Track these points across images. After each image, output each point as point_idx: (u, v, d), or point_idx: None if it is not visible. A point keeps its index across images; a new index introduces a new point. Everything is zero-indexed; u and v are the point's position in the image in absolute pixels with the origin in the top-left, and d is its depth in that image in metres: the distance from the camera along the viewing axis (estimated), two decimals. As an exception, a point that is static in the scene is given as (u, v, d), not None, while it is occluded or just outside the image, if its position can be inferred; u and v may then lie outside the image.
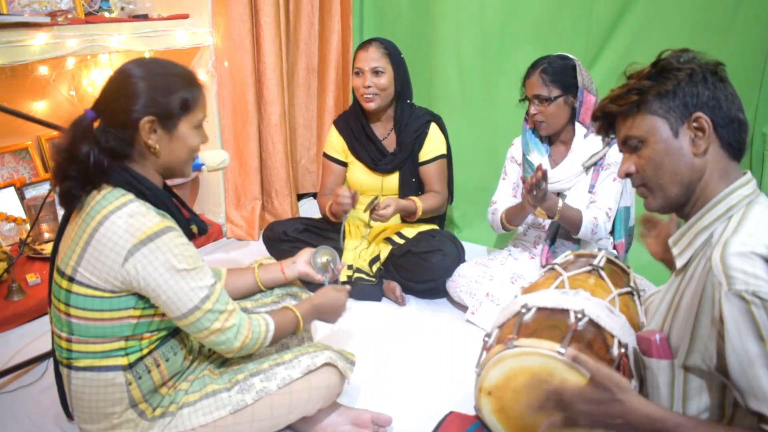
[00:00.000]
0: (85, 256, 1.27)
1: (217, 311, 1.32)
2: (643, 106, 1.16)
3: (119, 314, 1.30)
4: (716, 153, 1.13)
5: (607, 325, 1.31)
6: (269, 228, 2.53)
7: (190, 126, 1.35)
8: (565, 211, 2.05)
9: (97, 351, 1.32)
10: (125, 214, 1.26)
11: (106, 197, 1.29)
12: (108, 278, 1.27)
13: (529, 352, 1.26)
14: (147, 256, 1.25)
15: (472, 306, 2.24)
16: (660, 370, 1.16)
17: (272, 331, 1.44)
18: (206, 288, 1.31)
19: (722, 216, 1.12)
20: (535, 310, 1.39)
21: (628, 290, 1.50)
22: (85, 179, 1.29)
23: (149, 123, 1.29)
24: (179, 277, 1.27)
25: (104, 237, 1.25)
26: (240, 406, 1.42)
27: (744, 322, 0.99)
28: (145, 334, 1.35)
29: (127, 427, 1.38)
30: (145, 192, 1.31)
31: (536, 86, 2.10)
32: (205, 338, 1.34)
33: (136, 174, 1.32)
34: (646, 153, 1.16)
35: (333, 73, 3.42)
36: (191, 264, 1.29)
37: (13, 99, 2.64)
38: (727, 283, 1.00)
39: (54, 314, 1.37)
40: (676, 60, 1.15)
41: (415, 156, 2.46)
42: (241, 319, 1.37)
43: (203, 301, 1.30)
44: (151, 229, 1.26)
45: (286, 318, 1.53)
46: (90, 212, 1.29)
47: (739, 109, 1.14)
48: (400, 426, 1.69)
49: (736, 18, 2.33)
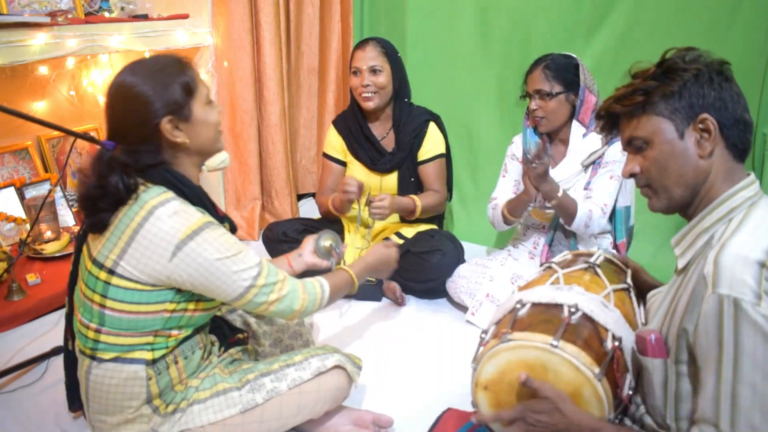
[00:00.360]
0: (129, 251, 1.29)
1: (271, 283, 1.38)
2: (648, 107, 1.14)
3: (155, 307, 1.33)
4: (721, 154, 1.13)
5: (601, 319, 1.32)
6: (269, 228, 2.53)
7: (202, 104, 1.37)
8: (564, 199, 2.04)
9: (125, 344, 1.34)
10: (170, 210, 1.29)
11: (148, 192, 1.32)
12: (152, 273, 1.29)
13: (523, 345, 1.27)
14: (195, 249, 1.29)
15: (472, 306, 2.25)
16: (654, 370, 1.17)
17: (328, 291, 1.51)
18: (255, 266, 1.36)
19: (724, 218, 1.12)
20: (529, 306, 1.40)
21: (624, 287, 1.51)
22: (118, 203, 1.32)
23: (169, 123, 1.31)
24: (230, 263, 1.32)
25: (150, 233, 1.28)
26: (250, 406, 1.43)
27: (713, 325, 1.00)
28: (174, 330, 1.37)
29: (140, 421, 1.39)
30: (183, 190, 1.35)
31: (538, 81, 2.10)
32: (266, 310, 1.40)
33: (175, 173, 1.35)
34: (651, 154, 1.15)
35: (333, 74, 3.43)
36: (236, 249, 1.35)
37: (13, 99, 2.64)
38: (712, 284, 1.01)
39: (84, 305, 1.37)
40: (682, 60, 1.14)
41: (414, 155, 2.46)
42: (294, 284, 1.43)
43: (256, 278, 1.36)
44: (196, 224, 1.30)
45: (340, 278, 1.59)
46: (133, 207, 1.31)
47: (744, 110, 1.13)
48: (400, 426, 1.69)
49: (736, 18, 2.34)
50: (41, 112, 2.76)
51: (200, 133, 1.37)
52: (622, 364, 1.27)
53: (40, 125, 1.93)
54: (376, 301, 2.43)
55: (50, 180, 2.77)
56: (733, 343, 0.98)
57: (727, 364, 0.99)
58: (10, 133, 2.74)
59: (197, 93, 1.35)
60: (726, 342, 0.99)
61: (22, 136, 2.80)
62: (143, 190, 1.32)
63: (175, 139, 1.32)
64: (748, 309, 0.97)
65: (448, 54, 2.98)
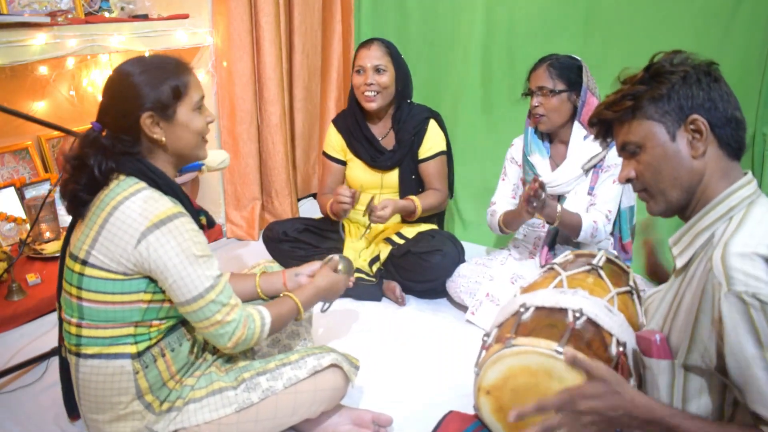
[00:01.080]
0: (99, 239, 1.31)
1: (220, 303, 1.34)
2: (638, 111, 1.16)
3: (130, 297, 1.33)
4: (715, 154, 1.13)
5: (606, 324, 1.31)
6: (269, 228, 2.53)
7: (189, 109, 1.38)
8: (565, 216, 2.04)
9: (107, 337, 1.34)
10: (139, 199, 1.30)
11: (120, 185, 1.33)
12: (121, 260, 1.30)
13: (527, 351, 1.26)
14: (159, 239, 1.28)
15: (472, 306, 2.24)
16: (660, 371, 1.16)
17: (267, 328, 1.44)
18: (212, 278, 1.33)
19: (723, 216, 1.12)
20: (533, 310, 1.39)
21: (627, 289, 1.50)
22: (94, 186, 1.34)
23: (149, 118, 1.33)
24: (188, 263, 1.30)
25: (118, 220, 1.29)
26: (246, 405, 1.43)
27: (742, 324, 0.99)
28: (154, 321, 1.37)
29: (133, 418, 1.39)
30: (157, 180, 1.35)
31: (542, 78, 2.10)
32: (205, 329, 1.36)
33: (148, 164, 1.36)
34: (644, 158, 1.16)
35: (334, 74, 3.43)
36: (201, 251, 1.32)
37: (13, 99, 2.64)
38: (726, 283, 1.00)
39: (65, 300, 1.39)
40: (669, 63, 1.15)
41: (415, 153, 2.46)
42: (240, 316, 1.38)
43: (208, 291, 1.32)
44: (165, 213, 1.29)
45: (284, 307, 1.53)
46: (104, 199, 1.33)
47: (735, 108, 1.14)
48: (400, 426, 1.69)
49: (736, 18, 2.33)
50: (41, 112, 2.76)
51: (180, 137, 1.38)
52: (627, 369, 1.26)
53: (40, 125, 1.95)
54: (376, 301, 2.43)
55: (50, 180, 2.77)
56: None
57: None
58: (10, 133, 2.74)
59: (186, 98, 1.37)
60: (764, 336, 0.98)
61: (22, 136, 2.80)
62: (116, 183, 1.33)
63: (152, 134, 1.34)
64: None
65: (449, 54, 2.98)
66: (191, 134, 1.40)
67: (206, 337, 1.40)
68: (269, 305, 1.49)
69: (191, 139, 1.40)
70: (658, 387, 1.17)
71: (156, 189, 1.34)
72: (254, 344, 1.43)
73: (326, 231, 2.53)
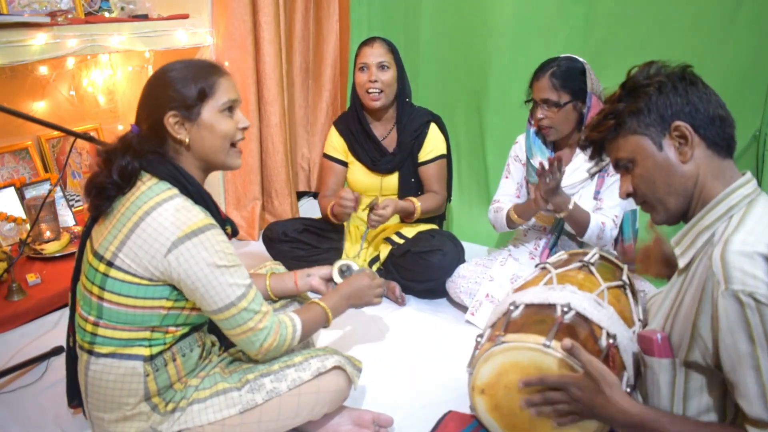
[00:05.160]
0: (128, 243, 1.31)
1: (253, 311, 1.36)
2: (622, 128, 1.19)
3: (152, 303, 1.33)
4: (705, 155, 1.15)
5: (594, 317, 1.32)
6: (269, 228, 2.53)
7: (215, 111, 1.38)
8: (575, 210, 2.03)
9: (123, 338, 1.34)
10: (172, 207, 1.31)
11: (153, 188, 1.33)
12: (148, 266, 1.30)
13: (516, 347, 1.28)
14: (190, 250, 1.29)
15: (472, 306, 2.24)
16: (661, 369, 1.17)
17: (299, 334, 1.47)
18: (243, 287, 1.35)
19: (723, 215, 1.13)
20: (522, 307, 1.40)
21: (618, 284, 1.51)
22: (123, 181, 1.34)
23: (173, 117, 1.34)
24: (219, 273, 1.30)
25: (149, 227, 1.29)
26: (249, 406, 1.43)
27: (737, 322, 1.00)
28: (171, 327, 1.38)
29: (139, 419, 1.39)
30: (188, 188, 1.35)
31: (545, 90, 2.05)
32: (237, 336, 1.37)
33: (180, 168, 1.36)
34: (637, 171, 1.19)
35: (330, 73, 3.42)
36: (231, 261, 1.33)
37: (13, 99, 2.64)
38: (725, 281, 1.01)
39: (83, 297, 1.39)
40: (644, 76, 1.19)
41: (415, 156, 2.46)
42: (272, 322, 1.40)
43: (240, 299, 1.33)
44: (196, 225, 1.30)
45: (314, 314, 1.55)
46: (135, 201, 1.33)
47: (718, 106, 1.15)
48: (400, 426, 1.69)
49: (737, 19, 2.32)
50: (41, 112, 2.76)
51: (204, 138, 1.38)
52: (618, 361, 1.27)
53: (40, 125, 1.95)
54: (376, 301, 2.43)
55: (50, 180, 2.78)
56: (764, 334, 0.99)
57: (764, 357, 0.99)
58: (10, 133, 2.74)
59: (212, 99, 1.37)
60: (757, 336, 0.99)
61: (22, 136, 2.80)
62: (148, 186, 1.33)
63: (176, 135, 1.35)
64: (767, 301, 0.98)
65: (449, 53, 2.98)
66: (216, 137, 1.39)
67: (238, 343, 1.41)
68: (299, 312, 1.51)
69: (216, 142, 1.39)
70: (659, 385, 1.18)
71: (187, 196, 1.35)
72: (285, 351, 1.46)
73: (326, 231, 2.53)
